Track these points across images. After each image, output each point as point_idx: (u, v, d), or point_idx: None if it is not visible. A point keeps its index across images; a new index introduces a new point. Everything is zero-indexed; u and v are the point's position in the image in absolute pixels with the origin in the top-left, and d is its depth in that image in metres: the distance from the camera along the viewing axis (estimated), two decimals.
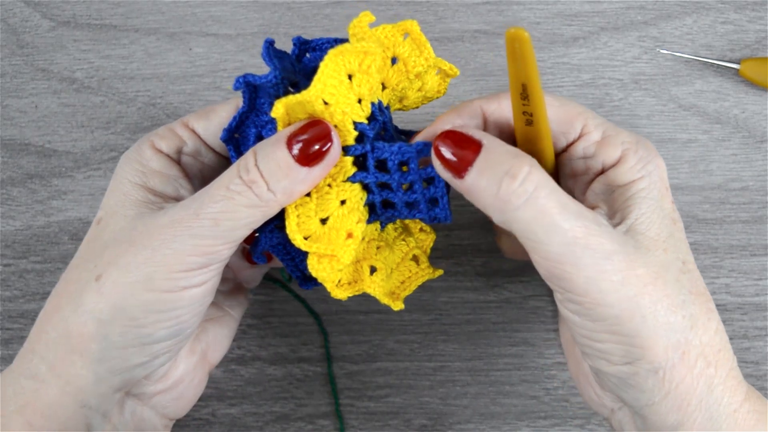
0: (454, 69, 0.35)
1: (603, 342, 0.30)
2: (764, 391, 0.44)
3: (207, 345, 0.36)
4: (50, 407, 0.30)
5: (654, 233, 0.30)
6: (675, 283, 0.30)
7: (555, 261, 0.29)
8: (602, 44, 0.48)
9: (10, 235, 0.47)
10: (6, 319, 0.46)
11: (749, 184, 0.46)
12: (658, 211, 0.31)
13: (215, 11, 0.49)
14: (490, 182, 0.29)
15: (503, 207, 0.29)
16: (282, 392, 0.45)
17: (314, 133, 0.30)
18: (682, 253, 0.31)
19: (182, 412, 0.36)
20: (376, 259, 0.35)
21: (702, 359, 0.30)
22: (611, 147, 0.32)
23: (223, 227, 0.30)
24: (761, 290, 0.45)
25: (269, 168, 0.30)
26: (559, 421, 0.44)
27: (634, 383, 0.30)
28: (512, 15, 0.49)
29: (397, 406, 0.45)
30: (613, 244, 0.29)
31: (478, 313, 0.46)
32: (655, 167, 0.31)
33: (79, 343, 0.30)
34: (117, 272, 0.30)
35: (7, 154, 0.48)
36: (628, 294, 0.29)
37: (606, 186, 0.32)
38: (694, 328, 0.30)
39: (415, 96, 0.35)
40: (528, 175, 0.29)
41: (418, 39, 0.33)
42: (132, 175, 0.33)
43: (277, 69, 0.31)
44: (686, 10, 0.48)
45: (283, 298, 0.46)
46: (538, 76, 0.28)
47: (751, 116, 0.47)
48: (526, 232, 0.29)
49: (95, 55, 0.49)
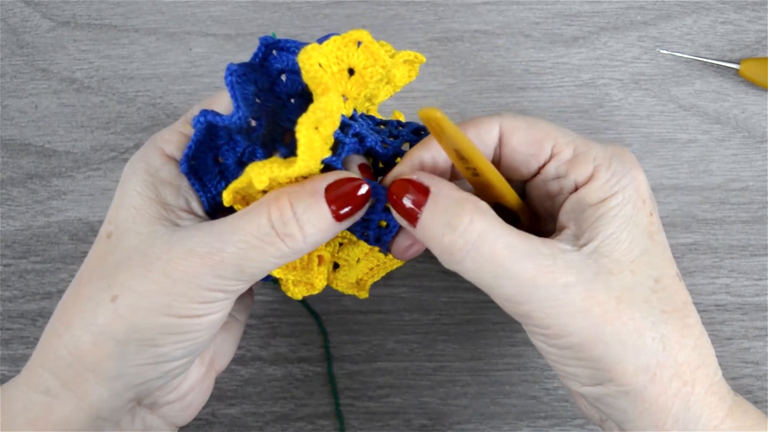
0: (420, 56, 0.34)
1: (571, 366, 0.30)
2: (764, 391, 0.44)
3: (215, 353, 0.36)
4: (63, 422, 0.30)
5: (620, 254, 0.29)
6: (642, 304, 0.29)
7: (511, 302, 0.29)
8: (602, 44, 0.48)
9: (10, 235, 0.47)
10: (6, 319, 0.46)
11: (749, 184, 0.46)
12: (629, 228, 0.30)
13: (215, 11, 0.49)
14: (435, 232, 0.29)
15: (449, 259, 0.29)
16: (282, 392, 0.45)
17: (351, 189, 0.30)
18: (657, 269, 0.30)
19: (189, 419, 0.36)
20: (338, 256, 0.35)
21: (677, 379, 0.29)
22: (582, 164, 0.31)
23: (248, 273, 0.29)
24: (761, 290, 0.45)
25: (310, 222, 0.29)
26: (559, 421, 0.44)
27: (607, 402, 0.30)
28: (512, 15, 0.49)
29: (397, 406, 0.45)
30: (568, 276, 0.28)
31: (478, 313, 0.45)
32: (630, 180, 0.30)
33: (93, 362, 0.30)
34: (134, 297, 0.29)
35: (7, 154, 0.48)
36: (589, 322, 0.28)
37: (577, 205, 0.31)
38: (667, 348, 0.29)
39: (384, 92, 0.34)
40: (469, 225, 0.28)
41: (370, 48, 0.32)
42: (142, 187, 0.31)
43: (241, 109, 0.30)
44: (686, 10, 0.48)
45: (283, 298, 0.46)
46: (465, 140, 0.28)
47: (751, 116, 0.47)
48: (476, 281, 0.29)
49: (95, 55, 0.49)
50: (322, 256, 0.33)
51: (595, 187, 0.30)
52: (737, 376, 0.44)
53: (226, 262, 0.29)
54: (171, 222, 0.31)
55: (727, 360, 0.45)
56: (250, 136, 0.31)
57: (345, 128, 0.32)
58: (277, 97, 0.32)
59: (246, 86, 0.31)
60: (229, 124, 0.30)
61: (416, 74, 0.35)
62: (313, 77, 0.30)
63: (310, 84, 0.30)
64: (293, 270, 0.33)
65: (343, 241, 0.36)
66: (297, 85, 0.32)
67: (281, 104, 0.32)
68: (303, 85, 0.32)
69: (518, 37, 0.48)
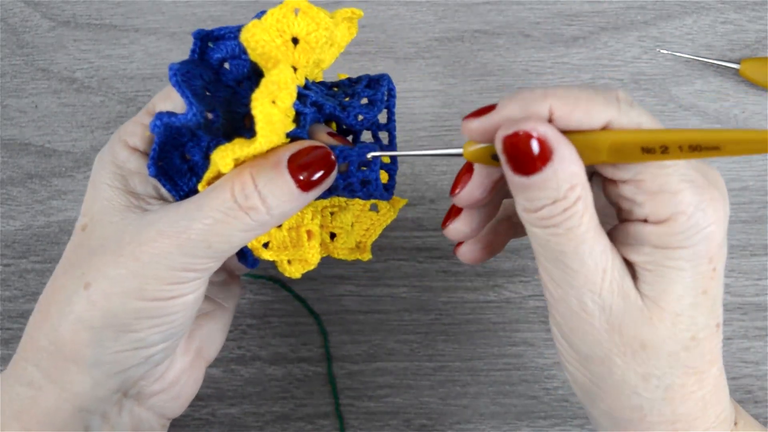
0: (357, 11, 0.33)
1: (573, 366, 0.30)
2: (764, 391, 0.44)
3: (201, 342, 0.36)
4: (48, 413, 0.30)
5: (666, 304, 0.27)
6: (665, 356, 0.28)
7: (553, 279, 0.28)
8: (602, 44, 0.48)
9: (10, 235, 0.47)
10: (6, 319, 0.46)
11: (749, 184, 0.46)
12: (687, 281, 0.27)
13: (215, 11, 0.49)
14: (541, 194, 0.26)
15: (525, 217, 0.27)
16: (282, 392, 0.45)
17: (316, 157, 0.29)
18: (698, 326, 0.28)
19: (179, 411, 0.36)
20: (332, 225, 0.35)
21: (668, 426, 0.29)
22: (663, 207, 0.27)
23: (215, 248, 0.29)
24: (761, 290, 0.45)
25: (272, 194, 0.29)
26: (559, 421, 0.44)
27: (596, 416, 0.30)
28: (512, 15, 0.49)
29: (397, 406, 0.45)
30: (615, 298, 0.27)
31: (478, 313, 0.45)
32: (706, 235, 0.27)
33: (73, 351, 0.30)
34: (106, 282, 0.29)
35: (7, 154, 0.48)
36: (603, 345, 0.28)
37: (636, 238, 0.28)
38: (667, 400, 0.28)
39: (330, 54, 0.34)
40: (569, 208, 0.26)
41: (310, 13, 0.31)
42: (111, 179, 0.32)
43: (194, 105, 0.29)
44: (686, 10, 0.48)
45: (283, 298, 0.46)
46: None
47: (751, 116, 0.47)
48: (545, 249, 0.27)
49: (95, 55, 0.49)
50: (310, 231, 0.33)
51: (667, 232, 0.27)
52: (737, 376, 0.44)
53: (193, 239, 0.29)
54: (142, 210, 0.31)
55: (727, 360, 0.45)
56: (210, 129, 0.30)
57: (302, 98, 0.31)
58: (225, 86, 0.32)
59: (193, 82, 0.30)
60: (186, 123, 0.29)
61: (356, 30, 0.34)
62: (261, 53, 0.29)
63: (259, 61, 0.30)
64: (285, 250, 0.32)
65: (333, 210, 0.35)
66: (242, 69, 0.32)
67: (231, 92, 0.32)
68: (247, 68, 0.32)
69: (518, 37, 0.48)
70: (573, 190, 0.26)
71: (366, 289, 0.46)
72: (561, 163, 0.25)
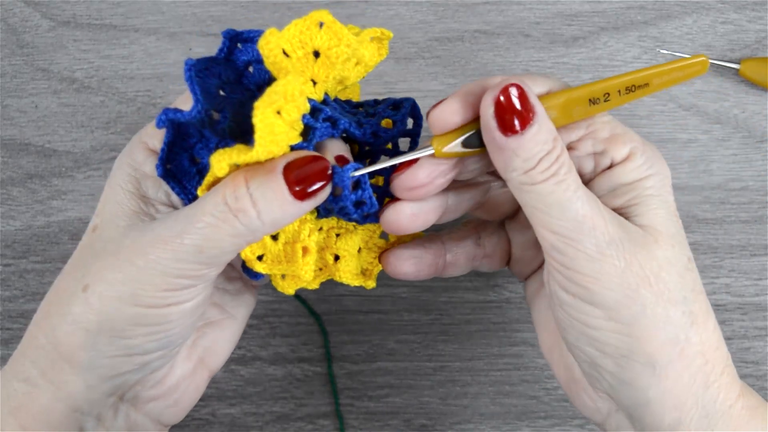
0: (386, 32, 0.33)
1: (599, 330, 0.30)
2: (764, 391, 0.44)
3: (205, 350, 0.35)
4: (42, 411, 0.30)
5: (662, 227, 0.31)
6: (679, 279, 0.30)
7: (563, 235, 0.29)
8: (602, 44, 0.48)
9: (10, 235, 0.47)
10: (6, 319, 0.46)
11: (749, 184, 0.46)
12: (665, 207, 0.31)
13: (215, 11, 0.49)
14: (536, 148, 0.29)
15: (526, 179, 0.29)
16: (282, 392, 0.45)
17: (313, 169, 0.29)
18: (687, 249, 0.31)
19: (177, 419, 0.35)
20: (337, 247, 0.34)
21: (700, 356, 0.30)
22: (620, 144, 0.32)
23: (207, 254, 0.29)
24: (761, 290, 0.45)
25: (264, 197, 0.28)
26: (559, 421, 0.44)
27: (629, 379, 0.30)
28: (512, 15, 0.49)
29: (397, 406, 0.45)
30: (619, 232, 0.30)
31: (478, 313, 0.45)
32: (661, 167, 0.32)
33: (68, 351, 0.30)
34: (103, 285, 0.29)
35: (7, 154, 0.48)
36: (629, 281, 0.29)
37: (611, 183, 0.32)
38: (694, 325, 0.30)
39: (355, 73, 0.33)
40: (560, 156, 0.29)
41: (333, 28, 0.31)
42: (125, 181, 0.32)
43: (200, 101, 0.29)
44: (686, 10, 0.48)
45: (283, 298, 0.46)
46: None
47: (751, 116, 0.47)
48: (539, 204, 0.30)
49: (95, 55, 0.49)
50: (306, 247, 0.32)
51: (632, 167, 0.31)
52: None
53: (186, 245, 0.28)
54: (149, 216, 0.31)
55: None
56: (215, 129, 0.30)
57: (315, 113, 0.31)
58: (246, 89, 0.32)
59: (207, 80, 0.30)
60: (190, 119, 0.29)
61: (386, 52, 0.34)
62: (273, 62, 0.29)
63: (272, 70, 0.30)
64: (278, 264, 0.32)
65: (339, 231, 0.35)
66: (264, 74, 0.32)
67: (250, 95, 0.32)
68: (269, 74, 0.32)
69: (518, 37, 0.48)
70: (557, 140, 0.30)
71: (366, 289, 0.46)
72: (543, 117, 0.29)
